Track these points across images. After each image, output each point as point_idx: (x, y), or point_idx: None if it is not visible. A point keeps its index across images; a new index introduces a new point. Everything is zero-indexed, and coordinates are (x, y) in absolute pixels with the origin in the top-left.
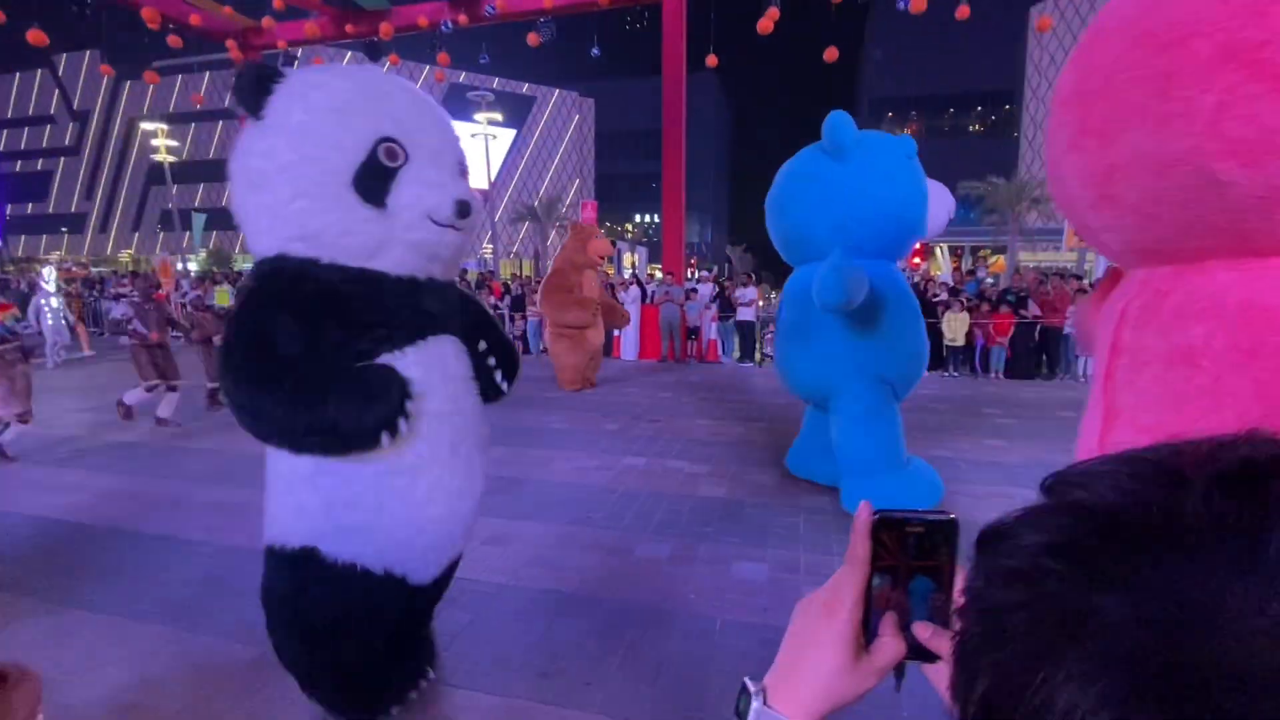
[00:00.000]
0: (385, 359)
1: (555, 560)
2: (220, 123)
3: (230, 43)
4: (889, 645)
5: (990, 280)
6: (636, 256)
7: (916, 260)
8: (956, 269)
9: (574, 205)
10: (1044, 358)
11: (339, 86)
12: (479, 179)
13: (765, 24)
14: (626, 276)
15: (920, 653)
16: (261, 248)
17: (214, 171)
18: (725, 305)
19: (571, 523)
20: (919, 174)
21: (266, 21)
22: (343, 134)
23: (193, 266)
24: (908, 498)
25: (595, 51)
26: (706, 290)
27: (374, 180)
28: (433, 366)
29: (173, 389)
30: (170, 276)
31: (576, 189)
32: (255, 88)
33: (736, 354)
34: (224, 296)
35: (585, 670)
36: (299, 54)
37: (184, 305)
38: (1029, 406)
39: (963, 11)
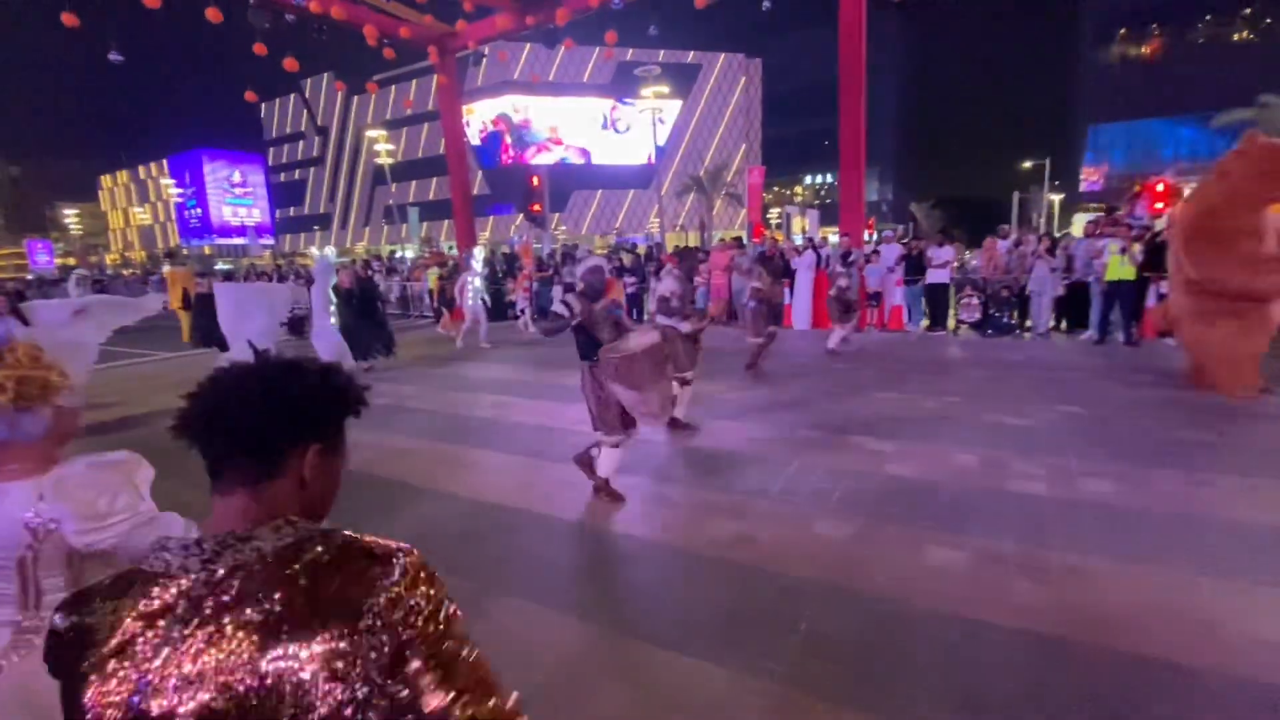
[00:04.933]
0: None
1: (733, 530)
2: (425, 125)
3: (431, 48)
4: None
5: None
6: (808, 220)
7: (1159, 205)
8: None
9: (740, 172)
10: None
11: None
12: (647, 151)
13: None
14: (799, 242)
15: None
16: None
17: (423, 169)
18: (911, 268)
19: (748, 493)
20: None
21: (460, 24)
22: None
23: (409, 253)
24: None
25: (766, 4)
26: (892, 252)
27: None
28: None
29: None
30: (531, 258)
31: (743, 155)
32: None
33: (925, 321)
34: (432, 277)
35: (764, 640)
36: (486, 50)
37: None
38: None
39: None
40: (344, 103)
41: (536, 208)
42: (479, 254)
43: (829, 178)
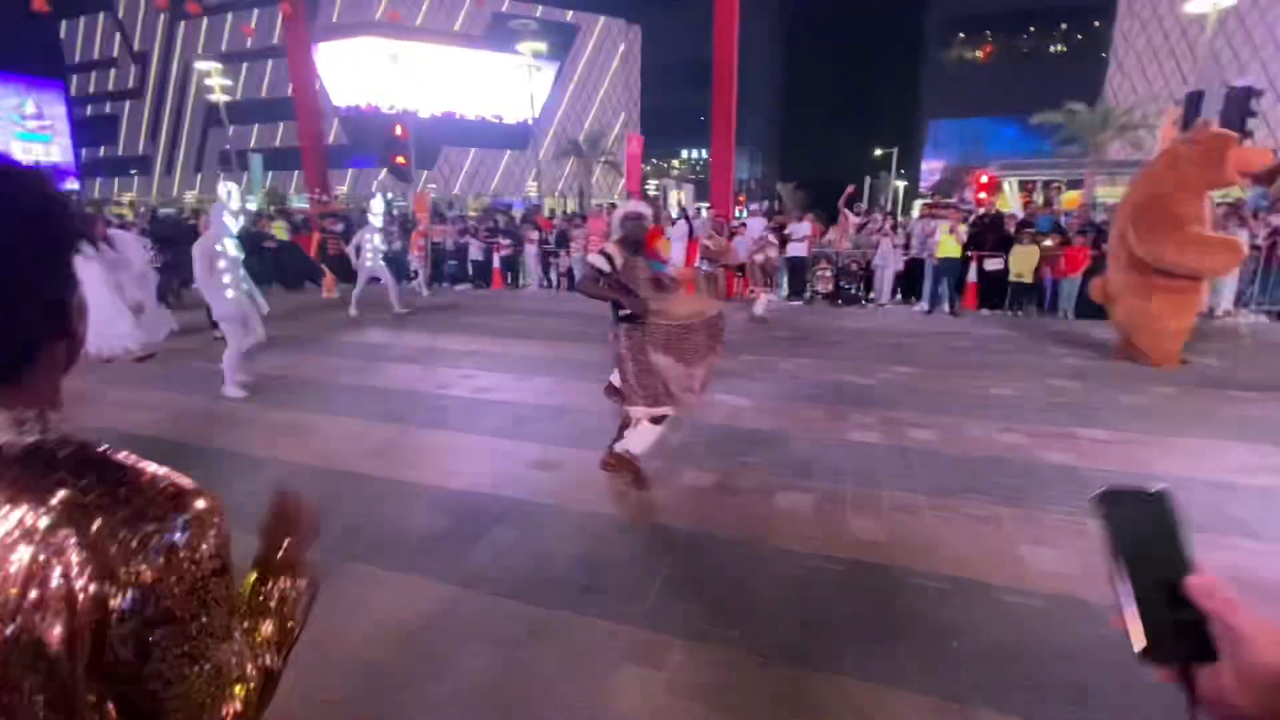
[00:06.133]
0: None
1: (599, 485)
2: (270, 61)
3: None
4: None
5: (1063, 218)
6: (683, 194)
7: (982, 195)
8: (1027, 203)
9: (620, 140)
10: None
11: None
12: (523, 111)
13: None
14: (674, 214)
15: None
16: None
17: (268, 111)
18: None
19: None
20: None
21: None
22: None
23: (251, 206)
24: None
25: None
26: (757, 226)
27: None
28: None
29: None
30: (426, 213)
31: (622, 123)
32: None
33: (785, 291)
34: (280, 230)
35: (627, 588)
36: None
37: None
38: (1101, 347)
39: None
40: (167, 27)
41: (401, 160)
42: (377, 205)
43: (703, 153)
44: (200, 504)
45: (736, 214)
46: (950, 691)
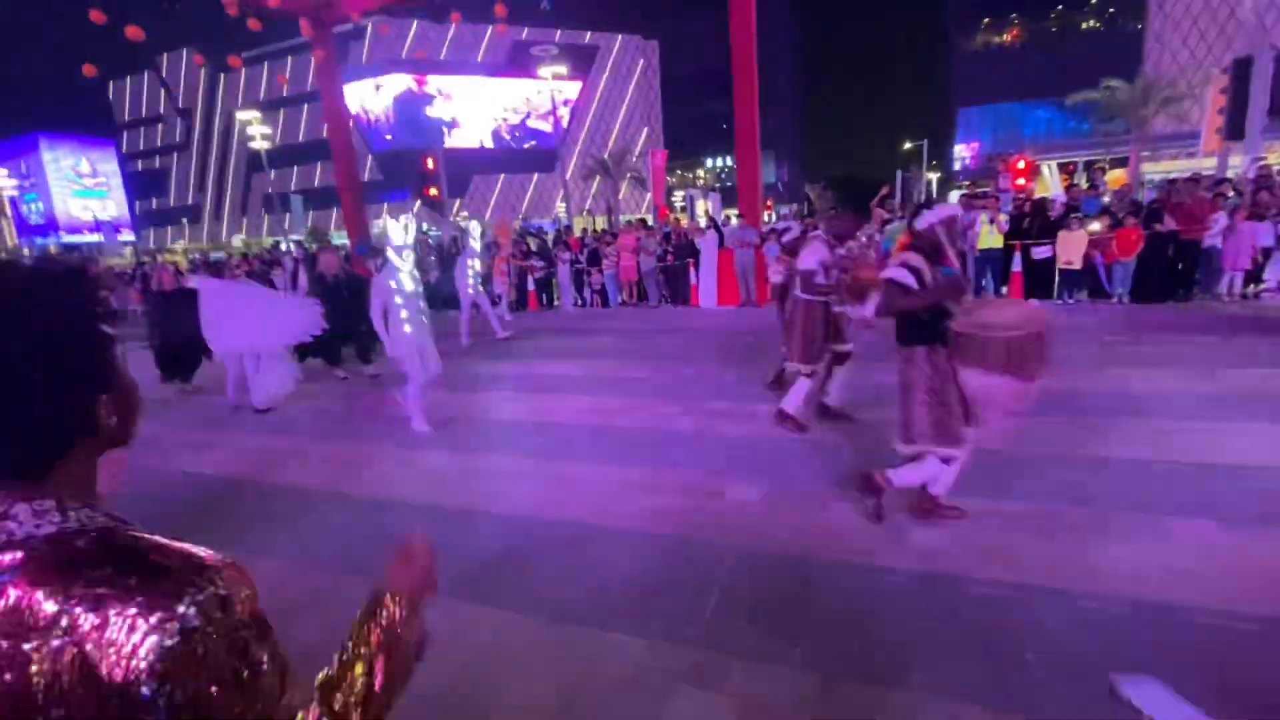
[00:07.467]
0: None
1: (645, 503)
2: (305, 106)
3: (303, 21)
4: None
5: (1107, 199)
6: (710, 203)
7: (1020, 181)
8: (1068, 187)
9: (644, 155)
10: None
11: None
12: (548, 135)
13: None
14: (702, 223)
15: None
16: None
17: (305, 154)
18: None
19: (660, 466)
20: None
21: None
22: None
23: (293, 244)
24: None
25: None
26: (798, 229)
27: None
28: None
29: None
30: (509, 238)
31: (645, 138)
32: None
33: None
34: None
35: (681, 608)
36: (368, 25)
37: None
38: (1161, 331)
39: None
40: (209, 82)
41: (433, 192)
42: (475, 230)
43: (728, 160)
44: (218, 579)
45: (766, 218)
46: (1029, 706)
